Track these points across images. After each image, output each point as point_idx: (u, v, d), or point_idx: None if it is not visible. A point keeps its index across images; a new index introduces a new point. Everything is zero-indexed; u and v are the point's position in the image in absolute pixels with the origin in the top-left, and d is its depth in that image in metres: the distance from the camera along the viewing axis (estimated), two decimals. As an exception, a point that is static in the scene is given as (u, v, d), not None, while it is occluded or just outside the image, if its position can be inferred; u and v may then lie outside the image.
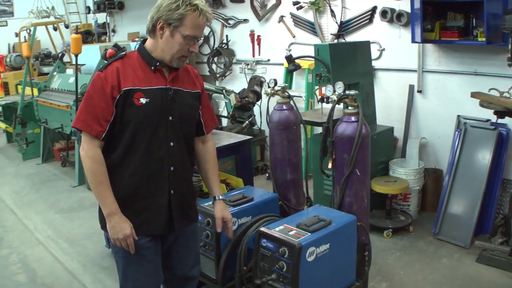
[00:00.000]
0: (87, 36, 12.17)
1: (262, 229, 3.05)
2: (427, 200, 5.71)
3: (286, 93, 3.85)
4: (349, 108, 3.37)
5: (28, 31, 10.26)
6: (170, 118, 2.65)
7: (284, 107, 3.80)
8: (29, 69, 8.90)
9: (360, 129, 3.25)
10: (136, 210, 2.66)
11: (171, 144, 2.67)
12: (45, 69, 10.85)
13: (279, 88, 3.84)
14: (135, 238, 2.61)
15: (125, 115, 2.55)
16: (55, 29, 10.95)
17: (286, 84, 3.95)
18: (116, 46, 4.87)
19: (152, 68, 2.61)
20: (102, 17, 12.54)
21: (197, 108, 2.85)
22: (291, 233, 2.95)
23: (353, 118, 3.33)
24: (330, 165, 3.44)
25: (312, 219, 3.07)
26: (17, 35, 11.22)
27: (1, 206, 6.84)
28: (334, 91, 3.45)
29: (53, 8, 11.23)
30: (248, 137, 4.08)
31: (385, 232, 5.07)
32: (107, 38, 12.16)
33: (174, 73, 2.68)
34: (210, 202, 3.44)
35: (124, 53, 2.70)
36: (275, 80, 3.86)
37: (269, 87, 3.89)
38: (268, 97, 3.92)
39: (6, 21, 14.41)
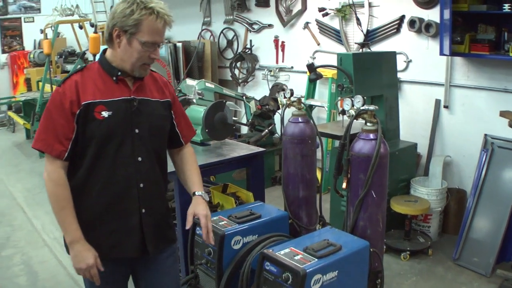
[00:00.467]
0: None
1: (266, 251, 2.83)
2: (448, 222, 5.44)
3: (302, 105, 3.64)
4: (368, 124, 3.14)
5: (53, 28, 10.24)
6: (137, 130, 2.44)
7: (300, 120, 3.58)
8: (49, 66, 8.84)
9: (378, 148, 3.02)
10: (106, 232, 2.46)
11: (139, 159, 2.46)
12: (69, 67, 10.86)
13: (295, 99, 3.63)
14: (100, 269, 2.39)
15: (87, 131, 2.35)
16: (80, 27, 10.93)
17: (303, 96, 3.73)
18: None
19: (114, 78, 2.42)
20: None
21: (168, 118, 2.63)
22: (296, 257, 2.73)
23: (371, 136, 3.10)
24: (344, 185, 3.22)
25: (321, 243, 2.85)
26: (42, 31, 11.23)
27: (12, 204, 6.79)
28: (353, 105, 3.23)
29: (77, 6, 11.21)
30: (261, 149, 3.86)
31: (403, 254, 4.82)
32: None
33: (138, 82, 2.49)
34: (215, 217, 3.27)
35: (84, 65, 2.53)
36: (291, 90, 3.65)
37: (284, 97, 3.68)
38: (284, 108, 3.70)
39: (33, 17, 14.50)
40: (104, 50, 2.51)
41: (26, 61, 13.07)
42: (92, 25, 10.97)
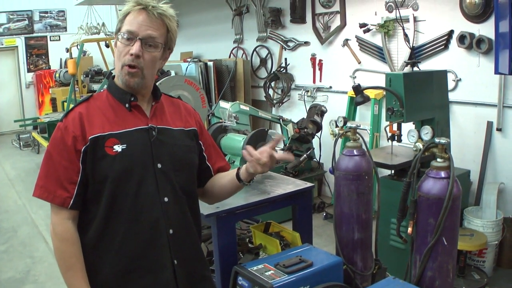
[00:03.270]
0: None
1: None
2: (504, 255, 5.02)
3: (357, 135, 3.24)
4: (438, 160, 2.73)
5: (78, 47, 10.09)
6: (159, 165, 2.08)
7: (355, 152, 3.18)
8: (75, 86, 8.63)
9: (451, 189, 2.61)
10: None
11: (165, 199, 2.09)
12: (95, 86, 10.64)
13: (349, 128, 3.24)
14: None
15: (98, 171, 1.99)
16: (107, 46, 10.78)
17: (359, 124, 3.31)
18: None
19: (127, 105, 2.09)
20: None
21: (194, 150, 2.28)
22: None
23: (442, 174, 2.69)
24: (410, 230, 2.80)
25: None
26: (67, 50, 11.12)
27: (34, 233, 6.55)
28: (420, 137, 2.83)
29: (103, 24, 11.05)
30: (310, 184, 3.45)
31: (459, 293, 4.40)
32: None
33: (155, 105, 2.17)
34: (260, 266, 2.87)
35: (90, 94, 2.18)
36: (344, 118, 3.27)
37: (336, 126, 3.28)
38: (336, 139, 3.30)
39: (59, 36, 14.54)
40: (113, 76, 2.17)
41: (52, 80, 13.08)
42: (118, 43, 10.86)
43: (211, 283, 2.41)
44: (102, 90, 2.24)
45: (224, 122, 3.94)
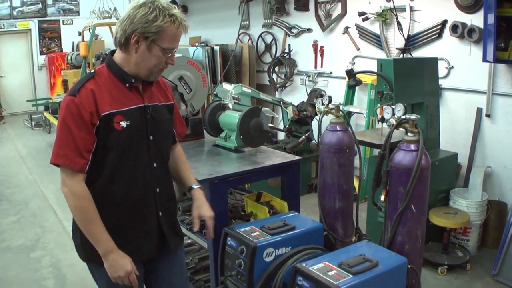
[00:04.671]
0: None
1: (299, 265, 2.70)
2: (488, 236, 5.25)
3: (341, 112, 3.49)
4: (409, 134, 2.98)
5: (90, 30, 10.29)
6: (151, 137, 2.49)
7: (338, 128, 3.42)
8: (86, 68, 8.85)
9: (419, 160, 2.85)
10: (126, 238, 2.49)
11: (155, 165, 2.53)
12: (106, 69, 10.81)
13: (333, 106, 3.49)
14: (136, 274, 2.43)
15: (107, 142, 2.34)
16: (119, 30, 10.94)
17: (341, 103, 3.57)
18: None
19: (127, 85, 2.41)
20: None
21: (172, 121, 2.70)
22: (330, 273, 2.59)
23: (412, 147, 2.93)
24: (382, 198, 3.06)
25: (356, 259, 2.70)
26: (80, 34, 11.33)
27: (44, 205, 6.82)
28: (393, 113, 3.08)
29: (115, 9, 11.27)
30: (297, 157, 3.71)
31: (440, 268, 4.67)
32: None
33: (148, 88, 2.51)
34: (247, 228, 3.16)
35: (93, 71, 2.45)
36: (329, 96, 3.50)
37: (322, 104, 3.54)
38: (321, 115, 3.56)
39: (71, 20, 14.71)
40: (112, 52, 2.47)
41: (64, 63, 13.25)
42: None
43: (179, 226, 2.89)
44: (100, 66, 2.52)
45: (223, 101, 4.19)
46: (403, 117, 2.99)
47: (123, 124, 2.35)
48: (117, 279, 2.38)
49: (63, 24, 14.90)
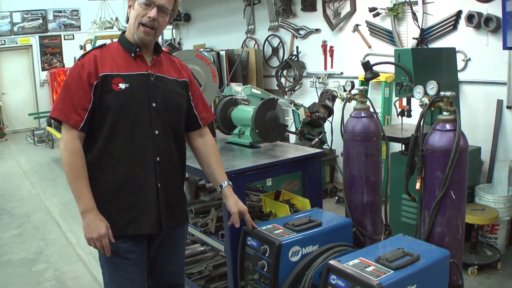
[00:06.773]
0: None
1: (332, 262, 2.43)
2: (516, 233, 4.99)
3: (365, 98, 3.25)
4: (444, 113, 2.73)
5: (91, 43, 10.17)
6: (154, 104, 2.54)
7: (363, 114, 3.19)
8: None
9: (457, 140, 2.61)
10: (123, 207, 2.52)
11: (156, 132, 2.55)
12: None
13: (356, 91, 3.25)
14: (111, 240, 2.45)
15: (104, 102, 2.44)
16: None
17: (366, 87, 3.32)
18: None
19: (132, 54, 2.54)
20: (168, 32, 12.22)
21: (184, 96, 2.71)
22: (368, 269, 2.32)
23: (448, 126, 2.69)
24: (418, 186, 2.79)
25: (395, 253, 2.44)
26: (81, 47, 11.23)
27: (47, 218, 6.64)
28: (425, 92, 2.83)
29: (116, 19, 11.14)
30: (318, 150, 3.47)
31: (470, 269, 4.42)
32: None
33: (155, 58, 2.62)
34: (269, 226, 2.91)
35: (103, 43, 2.66)
36: (352, 82, 3.27)
37: (344, 90, 3.30)
38: (344, 102, 3.31)
39: (73, 35, 14.63)
40: (124, 32, 2.64)
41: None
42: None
43: (185, 212, 2.86)
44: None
45: (236, 96, 3.98)
46: (440, 94, 2.74)
47: (122, 86, 2.45)
48: (90, 241, 2.42)
49: (64, 39, 14.83)
